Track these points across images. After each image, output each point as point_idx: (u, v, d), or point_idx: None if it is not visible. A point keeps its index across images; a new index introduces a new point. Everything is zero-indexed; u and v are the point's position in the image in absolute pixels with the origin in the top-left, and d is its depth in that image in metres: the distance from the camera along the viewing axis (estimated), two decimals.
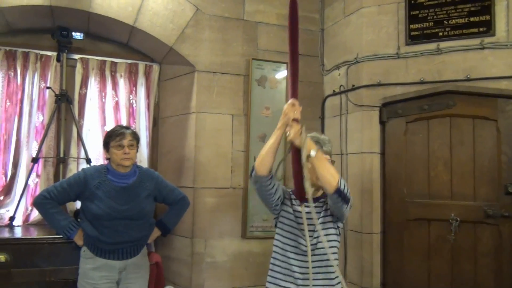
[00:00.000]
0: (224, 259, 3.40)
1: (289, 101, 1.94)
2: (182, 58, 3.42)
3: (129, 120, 3.56)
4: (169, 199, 2.71)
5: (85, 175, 2.50)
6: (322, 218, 2.09)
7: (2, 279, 2.59)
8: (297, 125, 1.90)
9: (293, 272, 2.06)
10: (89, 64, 3.49)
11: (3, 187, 3.25)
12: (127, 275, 2.51)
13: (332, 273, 2.07)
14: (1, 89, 3.27)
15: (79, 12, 3.17)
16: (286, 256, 2.09)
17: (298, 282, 2.05)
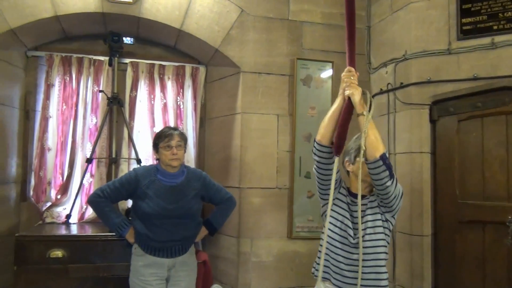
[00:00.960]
0: (270, 259, 3.41)
1: (347, 68, 1.96)
2: (227, 59, 3.46)
3: (177, 121, 3.64)
4: (216, 198, 2.75)
5: (136, 174, 2.59)
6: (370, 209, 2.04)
7: (59, 274, 2.72)
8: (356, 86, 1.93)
9: (338, 263, 2.02)
10: (138, 67, 3.60)
11: (60, 186, 3.42)
12: (175, 273, 2.57)
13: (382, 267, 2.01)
14: (57, 93, 3.44)
15: (129, 17, 3.29)
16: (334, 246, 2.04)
17: (344, 274, 2.00)
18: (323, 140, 2.01)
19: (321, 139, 2.02)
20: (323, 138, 2.01)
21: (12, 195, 3.38)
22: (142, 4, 3.25)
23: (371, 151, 1.89)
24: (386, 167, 1.89)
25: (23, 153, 3.48)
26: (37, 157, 3.37)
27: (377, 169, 1.90)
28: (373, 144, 1.89)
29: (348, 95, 1.92)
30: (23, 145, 3.48)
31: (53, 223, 3.28)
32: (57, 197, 3.39)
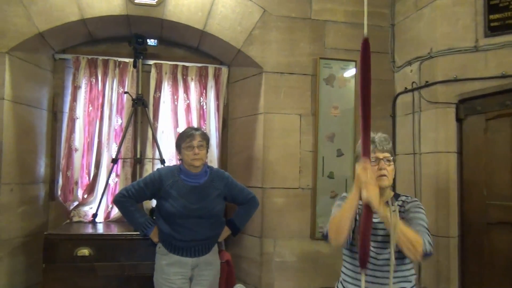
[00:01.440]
0: (293, 260, 3.40)
1: (361, 164, 1.76)
2: (250, 59, 3.46)
3: (200, 121, 3.67)
4: (238, 199, 2.76)
5: (160, 174, 2.62)
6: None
7: (86, 272, 2.78)
8: (374, 186, 1.72)
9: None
10: (162, 69, 3.65)
11: (86, 186, 3.49)
12: (199, 272, 2.60)
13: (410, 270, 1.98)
14: (84, 94, 3.51)
15: (153, 19, 3.33)
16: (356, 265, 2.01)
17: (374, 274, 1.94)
18: (337, 241, 1.85)
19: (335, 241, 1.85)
20: (337, 240, 1.85)
21: (41, 194, 3.47)
22: (165, 6, 3.29)
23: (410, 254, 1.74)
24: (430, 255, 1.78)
25: (51, 154, 3.58)
26: (65, 157, 3.45)
27: None
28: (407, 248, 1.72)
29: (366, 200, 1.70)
30: (51, 145, 3.57)
31: (80, 222, 3.36)
32: (83, 196, 3.46)
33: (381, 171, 1.95)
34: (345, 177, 3.47)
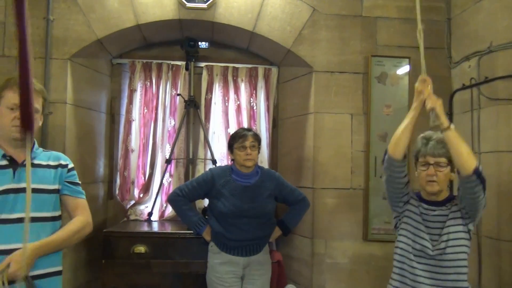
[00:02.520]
0: (345, 261, 3.35)
1: (420, 77, 1.90)
2: (299, 59, 3.45)
3: (250, 122, 3.70)
4: (289, 199, 2.76)
5: (212, 174, 2.67)
6: (452, 219, 1.94)
7: (142, 268, 2.88)
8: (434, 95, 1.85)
9: (416, 276, 1.93)
10: (213, 70, 3.72)
11: (142, 186, 3.62)
12: (250, 272, 2.62)
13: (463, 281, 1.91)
14: (139, 97, 3.65)
15: (204, 23, 3.40)
16: (409, 259, 1.97)
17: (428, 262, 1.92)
18: (395, 154, 1.92)
19: (393, 153, 1.93)
20: (396, 153, 1.92)
21: (101, 193, 3.64)
22: (216, 9, 3.34)
23: (464, 166, 1.80)
24: (480, 181, 1.80)
25: (110, 154, 3.75)
26: (122, 158, 3.60)
27: (471, 184, 1.81)
28: (462, 157, 1.79)
29: (430, 108, 1.84)
30: (109, 147, 3.74)
31: (136, 220, 3.49)
32: (139, 195, 3.60)
33: (430, 177, 1.91)
34: None
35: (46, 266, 1.81)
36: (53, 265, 1.85)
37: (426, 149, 1.95)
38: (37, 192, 1.79)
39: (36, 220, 1.77)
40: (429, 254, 1.91)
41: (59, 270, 1.88)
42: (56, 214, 1.88)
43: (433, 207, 1.99)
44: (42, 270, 1.79)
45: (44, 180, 1.84)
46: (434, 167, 1.93)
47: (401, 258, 2.00)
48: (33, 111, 1.38)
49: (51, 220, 1.84)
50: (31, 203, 1.66)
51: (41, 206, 1.80)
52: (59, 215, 1.89)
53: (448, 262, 1.89)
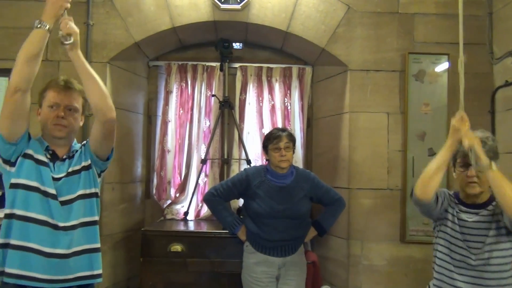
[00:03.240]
0: (382, 263, 3.28)
1: (457, 114, 1.78)
2: (334, 58, 3.41)
3: (284, 122, 3.69)
4: (325, 199, 2.74)
5: (247, 174, 2.68)
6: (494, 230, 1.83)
7: (179, 267, 2.92)
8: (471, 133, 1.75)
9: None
10: (247, 71, 3.73)
11: (178, 186, 3.68)
12: (285, 272, 2.61)
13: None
14: (175, 98, 3.71)
15: (238, 24, 3.42)
16: (448, 270, 1.89)
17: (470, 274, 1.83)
18: (424, 196, 1.82)
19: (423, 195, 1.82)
20: (425, 195, 1.82)
21: (139, 193, 3.73)
22: (250, 10, 3.35)
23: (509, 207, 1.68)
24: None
25: (147, 155, 3.83)
26: (158, 158, 3.68)
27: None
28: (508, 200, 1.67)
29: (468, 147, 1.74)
30: (146, 147, 3.83)
31: (172, 219, 3.55)
32: (176, 195, 3.66)
33: (470, 178, 1.83)
34: None
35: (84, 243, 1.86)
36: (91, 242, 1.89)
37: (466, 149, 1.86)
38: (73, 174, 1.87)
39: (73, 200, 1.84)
40: (470, 264, 1.82)
41: (97, 247, 1.92)
42: (92, 190, 1.92)
43: (473, 210, 1.90)
44: (80, 246, 1.84)
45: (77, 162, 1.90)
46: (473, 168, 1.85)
47: (440, 269, 1.93)
48: None
49: (88, 197, 1.90)
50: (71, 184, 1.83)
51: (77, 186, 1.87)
52: (96, 192, 1.94)
53: (492, 274, 1.80)
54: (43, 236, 1.77)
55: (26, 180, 1.79)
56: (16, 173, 1.80)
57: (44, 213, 1.77)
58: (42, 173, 1.81)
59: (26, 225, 1.76)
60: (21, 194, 1.78)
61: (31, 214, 1.77)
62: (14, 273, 1.74)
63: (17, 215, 1.77)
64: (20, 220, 1.77)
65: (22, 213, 1.77)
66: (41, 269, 1.75)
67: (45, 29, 1.69)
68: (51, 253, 1.76)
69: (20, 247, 1.76)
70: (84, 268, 1.85)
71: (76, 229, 1.83)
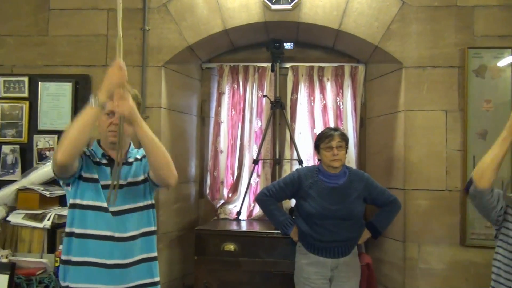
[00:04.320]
0: (441, 267, 3.16)
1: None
2: (388, 55, 3.32)
3: (337, 121, 3.65)
4: (379, 201, 2.67)
5: (299, 175, 2.67)
6: None
7: (232, 266, 2.97)
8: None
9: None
10: (298, 71, 3.72)
11: (231, 186, 3.73)
12: (339, 274, 2.58)
13: None
14: (227, 100, 3.76)
15: (289, 24, 3.41)
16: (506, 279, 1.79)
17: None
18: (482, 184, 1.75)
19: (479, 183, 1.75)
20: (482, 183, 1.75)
21: (193, 193, 3.82)
22: (301, 9, 3.34)
23: None
24: None
25: (200, 155, 3.92)
26: (212, 158, 3.75)
27: None
28: None
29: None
30: (200, 148, 3.91)
31: (225, 219, 3.61)
32: (228, 195, 3.71)
33: None
34: (501, 178, 3.09)
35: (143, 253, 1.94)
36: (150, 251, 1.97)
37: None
38: (130, 185, 1.93)
39: (131, 211, 1.92)
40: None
41: (155, 255, 2.00)
42: (148, 202, 1.99)
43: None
44: (140, 256, 1.92)
45: (135, 174, 1.98)
46: None
47: (497, 277, 1.83)
48: None
49: (145, 208, 1.97)
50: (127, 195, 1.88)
51: (134, 198, 1.94)
52: (151, 203, 2.01)
53: None
54: (102, 249, 1.85)
55: (80, 200, 1.88)
56: (73, 194, 1.90)
57: (101, 227, 1.85)
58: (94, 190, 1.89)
59: (85, 241, 1.86)
60: (78, 213, 1.87)
61: (89, 231, 1.86)
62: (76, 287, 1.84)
63: (76, 233, 1.87)
64: (78, 237, 1.86)
65: (80, 231, 1.86)
66: (103, 280, 1.84)
67: (100, 107, 1.73)
68: (111, 264, 1.84)
69: (81, 262, 1.85)
70: (144, 276, 1.93)
71: (135, 239, 1.90)
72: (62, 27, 3.44)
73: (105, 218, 1.86)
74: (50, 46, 3.44)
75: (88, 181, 1.89)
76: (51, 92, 3.37)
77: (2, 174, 3.33)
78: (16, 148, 3.34)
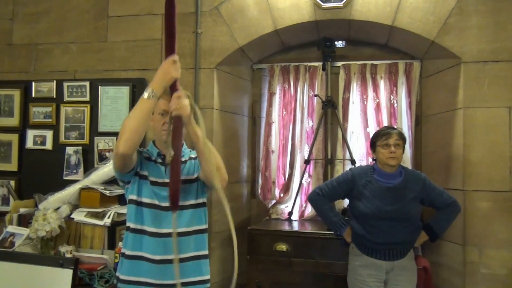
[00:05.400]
0: (504, 273, 2.98)
1: None
2: (445, 51, 3.19)
3: (391, 120, 3.55)
4: (437, 202, 2.58)
5: (353, 174, 2.64)
6: None
7: (284, 266, 2.97)
8: None
9: None
10: (350, 69, 3.66)
11: (282, 186, 3.74)
12: (394, 277, 2.51)
13: None
14: (278, 100, 3.77)
15: (341, 21, 3.36)
16: None
17: None
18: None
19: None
20: None
21: (244, 192, 3.86)
22: (352, 6, 3.28)
23: None
24: None
25: (252, 156, 3.95)
26: (263, 159, 3.77)
27: None
28: None
29: None
30: (251, 148, 3.95)
31: (277, 219, 3.62)
32: (280, 195, 3.72)
33: None
34: None
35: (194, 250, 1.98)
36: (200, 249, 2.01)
37: None
38: (184, 183, 1.97)
39: (184, 208, 1.96)
40: None
41: (206, 254, 2.04)
42: (200, 201, 2.04)
43: None
44: (190, 253, 1.97)
45: (189, 172, 2.03)
46: None
47: None
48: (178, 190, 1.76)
49: (197, 206, 2.02)
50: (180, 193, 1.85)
51: (187, 196, 1.99)
52: (203, 202, 2.05)
53: None
54: (153, 245, 1.91)
55: (137, 197, 1.96)
56: (131, 190, 1.98)
57: (154, 224, 1.92)
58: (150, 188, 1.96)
59: (137, 236, 1.94)
60: (134, 209, 1.96)
61: (142, 227, 1.94)
62: (126, 279, 1.93)
63: (131, 228, 1.96)
64: (133, 232, 1.95)
65: (135, 226, 1.95)
66: (152, 275, 1.90)
67: (155, 99, 1.76)
68: (160, 260, 1.90)
69: (132, 256, 1.94)
70: (194, 274, 1.97)
71: (185, 236, 1.95)
72: (120, 33, 3.60)
73: (159, 215, 1.92)
74: (109, 51, 3.61)
75: (145, 178, 1.97)
76: (110, 96, 3.53)
77: (67, 174, 3.53)
78: (79, 150, 3.53)
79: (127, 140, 1.73)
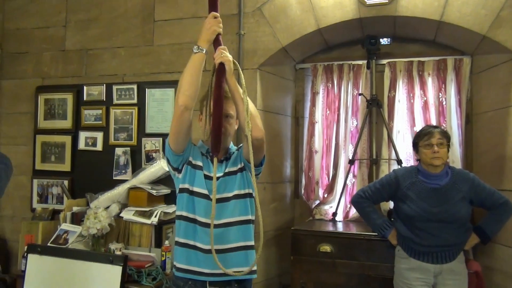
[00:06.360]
0: None
1: None
2: (497, 45, 3.05)
3: (439, 119, 3.43)
4: (487, 203, 2.47)
5: (397, 176, 2.58)
6: None
7: (328, 267, 2.95)
8: None
9: None
10: (396, 67, 3.56)
11: (326, 186, 3.70)
12: (443, 281, 2.43)
13: None
14: (322, 99, 3.74)
15: (386, 18, 3.29)
16: None
17: None
18: None
19: None
20: None
21: (288, 193, 3.86)
22: (398, 2, 3.20)
23: None
24: None
25: (295, 156, 3.94)
26: (306, 159, 3.75)
27: None
28: None
29: None
30: (294, 148, 3.94)
31: (321, 219, 3.58)
32: (324, 196, 3.68)
33: None
34: None
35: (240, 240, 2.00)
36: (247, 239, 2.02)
37: None
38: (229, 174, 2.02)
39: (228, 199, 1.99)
40: None
41: (252, 244, 2.05)
42: (245, 191, 2.05)
43: None
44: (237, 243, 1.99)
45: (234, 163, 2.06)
46: None
47: None
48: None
49: (242, 197, 2.03)
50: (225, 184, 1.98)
51: (232, 186, 2.02)
52: (249, 192, 2.06)
53: None
54: (201, 234, 1.95)
55: (189, 185, 2.00)
56: (182, 179, 2.02)
57: (206, 215, 1.95)
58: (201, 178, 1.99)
59: (188, 225, 1.98)
60: (186, 198, 2.00)
61: (192, 215, 1.98)
62: (182, 268, 1.98)
63: (184, 216, 2.00)
64: (186, 221, 1.99)
65: (186, 214, 1.99)
66: (202, 264, 1.94)
67: (203, 52, 1.91)
68: (208, 249, 1.92)
69: (183, 244, 1.99)
70: (241, 264, 1.98)
71: (231, 226, 1.98)
72: (165, 36, 3.69)
73: (207, 205, 1.95)
74: (155, 55, 3.71)
75: (196, 168, 2.02)
76: (157, 98, 3.63)
77: (116, 174, 3.67)
78: (127, 150, 3.66)
79: (184, 92, 1.87)
